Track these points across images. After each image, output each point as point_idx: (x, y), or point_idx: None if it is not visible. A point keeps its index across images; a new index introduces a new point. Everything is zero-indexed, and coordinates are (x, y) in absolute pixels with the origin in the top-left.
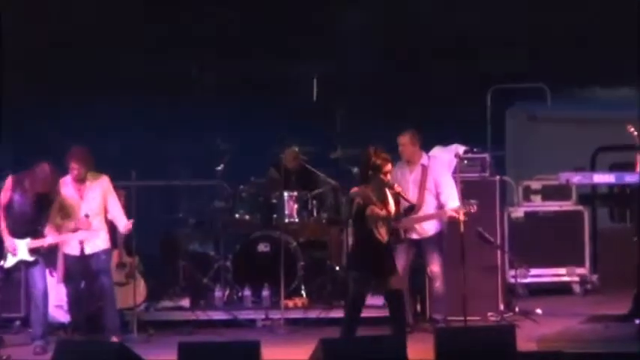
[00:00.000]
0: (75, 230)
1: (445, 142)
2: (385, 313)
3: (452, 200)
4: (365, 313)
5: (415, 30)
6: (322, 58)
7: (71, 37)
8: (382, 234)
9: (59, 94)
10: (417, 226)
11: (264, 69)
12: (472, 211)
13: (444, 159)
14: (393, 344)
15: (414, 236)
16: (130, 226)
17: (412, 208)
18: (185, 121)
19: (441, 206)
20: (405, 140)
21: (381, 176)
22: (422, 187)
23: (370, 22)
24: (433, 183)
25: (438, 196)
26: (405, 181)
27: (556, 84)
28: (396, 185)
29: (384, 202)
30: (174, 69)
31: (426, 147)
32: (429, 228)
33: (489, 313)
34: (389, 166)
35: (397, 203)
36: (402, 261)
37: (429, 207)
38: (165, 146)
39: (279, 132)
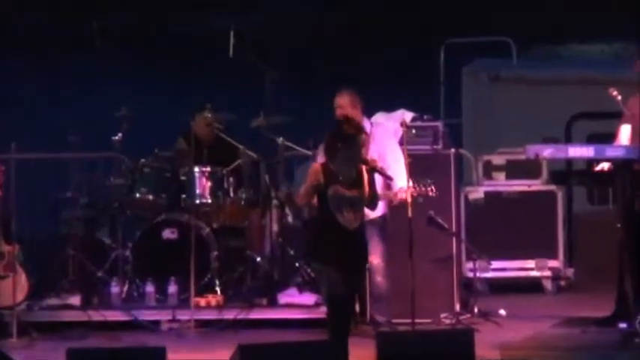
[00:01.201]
0: None
1: (389, 107)
2: (318, 314)
3: (400, 178)
4: (292, 314)
5: None
6: (245, 8)
7: None
8: (349, 219)
9: None
10: None
11: (174, 20)
12: (430, 194)
13: (389, 128)
14: (330, 353)
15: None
16: None
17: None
18: (76, 82)
19: (387, 186)
20: (343, 101)
21: (353, 150)
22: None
23: None
24: (377, 155)
25: None
26: None
27: (524, 38)
28: (371, 159)
29: (358, 182)
30: (61, 21)
31: (368, 115)
32: (369, 211)
33: (443, 315)
34: (363, 137)
35: (371, 183)
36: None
37: None
38: (52, 112)
39: (189, 95)
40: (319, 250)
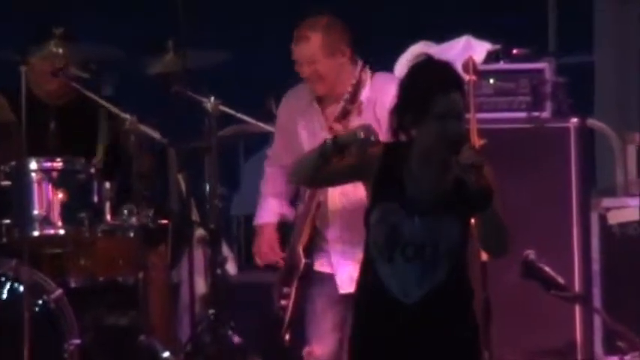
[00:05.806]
0: None
1: (439, 35)
2: None
3: None
4: None
5: None
6: None
7: None
8: (402, 281)
9: None
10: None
11: None
12: None
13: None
14: None
15: (328, 270)
16: None
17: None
18: None
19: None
20: (309, 49)
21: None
22: None
23: None
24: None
25: None
26: (311, 136)
27: None
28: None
29: (449, 200)
30: None
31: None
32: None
33: None
34: None
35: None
36: (328, 322)
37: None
38: None
39: (20, 11)
40: (349, 340)
